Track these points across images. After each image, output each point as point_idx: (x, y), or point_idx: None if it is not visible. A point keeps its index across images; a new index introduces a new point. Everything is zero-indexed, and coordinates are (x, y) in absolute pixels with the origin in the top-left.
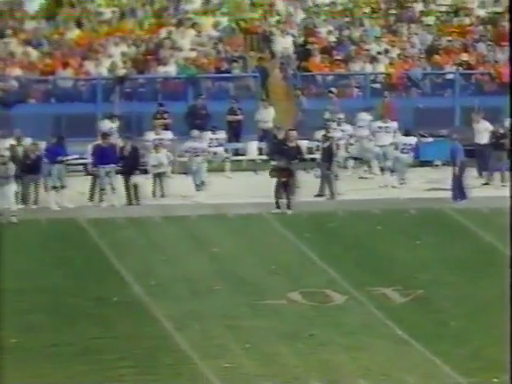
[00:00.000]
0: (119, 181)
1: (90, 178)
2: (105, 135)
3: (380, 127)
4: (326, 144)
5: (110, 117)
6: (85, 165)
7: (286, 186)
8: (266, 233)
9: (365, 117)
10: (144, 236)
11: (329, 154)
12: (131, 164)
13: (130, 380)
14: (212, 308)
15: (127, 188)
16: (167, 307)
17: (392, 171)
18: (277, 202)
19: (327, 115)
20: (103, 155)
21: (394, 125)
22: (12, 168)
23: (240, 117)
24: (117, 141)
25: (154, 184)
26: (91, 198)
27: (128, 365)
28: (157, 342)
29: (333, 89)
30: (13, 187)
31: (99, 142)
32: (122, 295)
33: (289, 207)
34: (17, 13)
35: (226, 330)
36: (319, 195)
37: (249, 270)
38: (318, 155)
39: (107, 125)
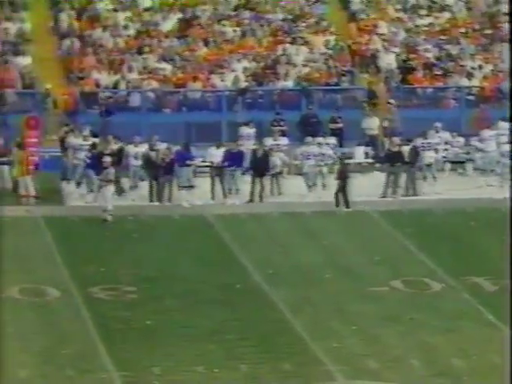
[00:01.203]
0: (243, 180)
1: (215, 178)
2: (235, 141)
3: (491, 135)
4: (408, 147)
5: (248, 123)
6: (211, 167)
7: (342, 186)
8: (370, 227)
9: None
10: (263, 230)
11: (413, 155)
12: (263, 166)
13: (250, 358)
14: (323, 294)
15: (253, 187)
16: (283, 293)
17: (497, 175)
18: (335, 201)
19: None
20: (232, 159)
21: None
22: (112, 173)
23: (340, 125)
24: (246, 145)
25: (271, 184)
26: (213, 196)
27: (249, 344)
28: (274, 324)
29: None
30: (111, 189)
31: (231, 146)
32: (244, 283)
33: (346, 206)
34: (153, 32)
35: (335, 314)
36: (406, 195)
37: (355, 261)
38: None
39: (245, 130)
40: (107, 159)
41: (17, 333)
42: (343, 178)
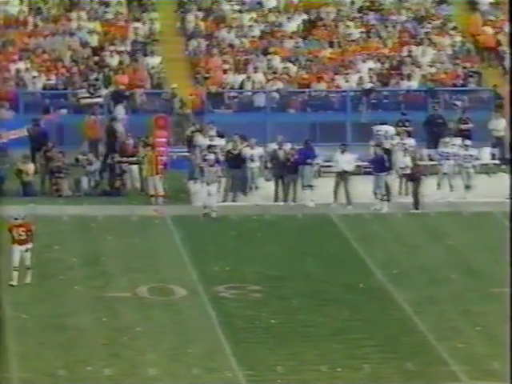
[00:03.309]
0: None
1: (340, 183)
2: (377, 145)
3: None
4: None
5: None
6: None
7: (415, 188)
8: (496, 228)
9: None
10: (387, 230)
11: None
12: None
13: (374, 358)
14: (447, 294)
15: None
16: (407, 293)
17: None
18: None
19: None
20: (376, 162)
21: None
22: (219, 172)
23: (470, 125)
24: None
25: (400, 184)
26: (336, 200)
27: (372, 344)
28: (397, 324)
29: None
30: (216, 187)
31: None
32: (367, 282)
33: (416, 207)
34: (277, 33)
35: (459, 314)
36: None
37: (480, 261)
38: None
39: (385, 129)
40: (211, 157)
41: (146, 332)
42: (416, 179)
